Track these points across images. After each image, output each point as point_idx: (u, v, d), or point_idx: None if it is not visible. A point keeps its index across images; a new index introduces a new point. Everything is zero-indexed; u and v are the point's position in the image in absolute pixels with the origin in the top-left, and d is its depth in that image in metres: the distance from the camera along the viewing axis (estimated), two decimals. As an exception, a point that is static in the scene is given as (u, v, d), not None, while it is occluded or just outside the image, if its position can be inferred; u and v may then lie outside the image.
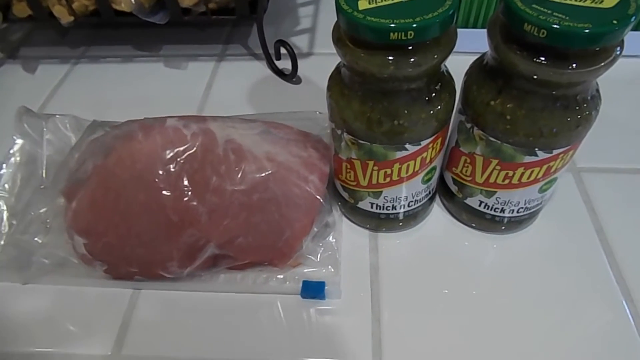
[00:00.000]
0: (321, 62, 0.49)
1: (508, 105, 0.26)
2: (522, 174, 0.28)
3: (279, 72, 0.48)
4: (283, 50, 0.47)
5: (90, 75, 0.50)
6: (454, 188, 0.33)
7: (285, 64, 0.48)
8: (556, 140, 0.26)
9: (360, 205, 0.32)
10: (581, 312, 0.30)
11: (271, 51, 0.48)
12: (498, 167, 0.28)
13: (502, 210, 0.31)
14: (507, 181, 0.29)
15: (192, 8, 0.45)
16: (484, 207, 0.32)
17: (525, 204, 0.31)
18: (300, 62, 0.47)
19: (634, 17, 0.21)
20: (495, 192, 0.30)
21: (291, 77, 0.47)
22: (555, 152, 0.27)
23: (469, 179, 0.31)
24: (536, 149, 0.26)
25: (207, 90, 0.48)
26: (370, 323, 0.30)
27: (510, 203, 0.31)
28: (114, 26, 0.55)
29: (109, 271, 0.32)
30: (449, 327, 0.30)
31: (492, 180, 0.29)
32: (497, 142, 0.27)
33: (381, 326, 0.30)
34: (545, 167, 0.27)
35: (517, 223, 0.33)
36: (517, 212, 0.31)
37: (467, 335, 0.29)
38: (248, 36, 0.54)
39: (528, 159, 0.27)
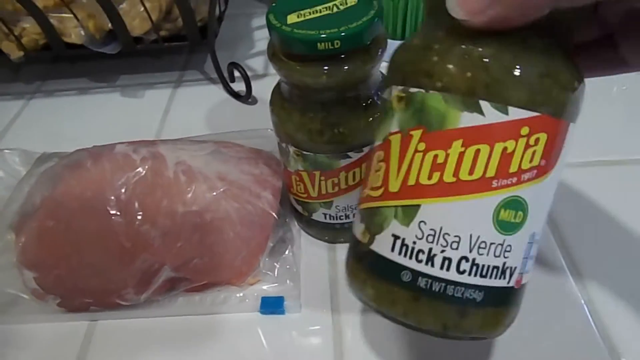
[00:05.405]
0: (276, 82, 0.50)
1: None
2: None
3: (235, 94, 0.48)
4: (237, 73, 0.47)
5: (46, 109, 0.50)
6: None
7: (241, 86, 0.48)
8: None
9: (315, 217, 0.32)
10: (543, 308, 0.30)
11: (226, 75, 0.48)
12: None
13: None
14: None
15: (144, 37, 0.46)
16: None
17: None
18: (256, 84, 0.47)
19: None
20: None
21: (246, 98, 0.47)
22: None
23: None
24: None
25: (165, 116, 0.48)
26: (331, 336, 0.30)
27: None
28: (69, 60, 0.55)
29: (62, 304, 0.31)
30: (412, 340, 0.29)
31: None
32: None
33: (342, 339, 0.29)
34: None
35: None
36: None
37: (429, 347, 0.29)
38: (204, 62, 0.54)
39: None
